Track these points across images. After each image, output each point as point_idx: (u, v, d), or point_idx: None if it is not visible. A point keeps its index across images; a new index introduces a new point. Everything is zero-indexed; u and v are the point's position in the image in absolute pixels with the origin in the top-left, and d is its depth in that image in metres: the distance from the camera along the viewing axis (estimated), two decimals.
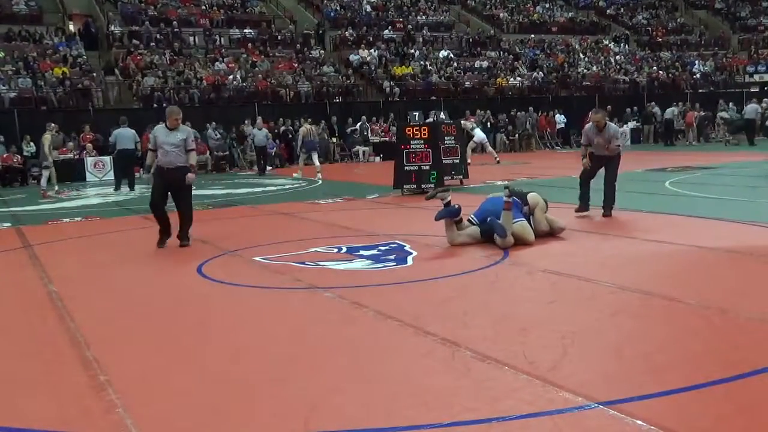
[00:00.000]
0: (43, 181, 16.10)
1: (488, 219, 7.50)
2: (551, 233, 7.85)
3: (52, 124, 16.64)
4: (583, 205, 9.24)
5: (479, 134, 21.16)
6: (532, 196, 7.88)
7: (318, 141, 19.59)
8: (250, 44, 28.94)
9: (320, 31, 31.50)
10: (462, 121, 23.68)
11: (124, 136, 16.74)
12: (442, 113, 15.32)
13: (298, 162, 19.19)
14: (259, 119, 21.36)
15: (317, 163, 18.52)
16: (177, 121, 8.32)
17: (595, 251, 7.09)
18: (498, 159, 21.04)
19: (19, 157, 20.28)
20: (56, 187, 16.36)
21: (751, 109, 25.06)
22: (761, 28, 38.83)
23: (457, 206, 7.63)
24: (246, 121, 23.29)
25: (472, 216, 7.75)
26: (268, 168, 20.99)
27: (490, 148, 21.53)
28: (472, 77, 30.21)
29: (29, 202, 14.95)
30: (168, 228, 8.28)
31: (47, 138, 15.80)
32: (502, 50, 33.65)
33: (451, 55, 31.83)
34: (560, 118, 28.10)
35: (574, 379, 3.62)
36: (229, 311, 5.41)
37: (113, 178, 18.27)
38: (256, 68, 27.22)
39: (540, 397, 3.42)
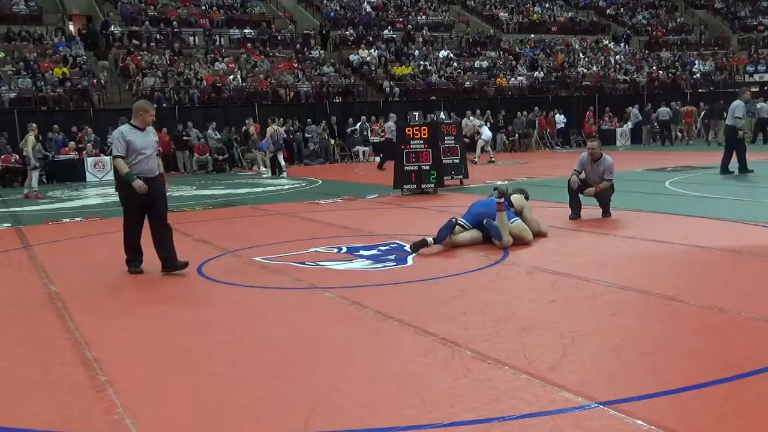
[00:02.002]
0: (34, 182, 16.06)
1: (484, 221, 7.46)
2: (537, 234, 7.87)
3: (33, 125, 16.56)
4: (575, 213, 9.17)
5: (487, 132, 21.32)
6: (516, 198, 7.83)
7: (283, 141, 20.23)
8: (250, 44, 28.96)
9: (323, 32, 31.51)
10: (470, 118, 23.78)
11: None
12: (442, 113, 15.31)
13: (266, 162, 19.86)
14: (270, 120, 21.33)
15: (282, 162, 19.66)
16: (153, 118, 6.94)
17: (594, 251, 7.09)
18: (492, 158, 21.17)
19: (18, 157, 20.25)
20: (36, 189, 16.20)
21: (765, 108, 25.28)
22: (761, 28, 38.86)
23: (453, 219, 7.56)
24: (247, 121, 23.29)
25: (462, 220, 7.66)
26: (263, 169, 20.91)
27: (488, 147, 21.62)
28: (472, 77, 30.23)
29: (29, 202, 14.95)
30: (140, 251, 6.98)
31: (31, 139, 15.74)
32: (502, 50, 33.67)
33: (451, 55, 31.84)
34: (560, 118, 28.10)
35: (574, 379, 3.62)
36: (229, 311, 5.41)
37: (113, 178, 18.25)
38: (256, 68, 27.23)
39: (540, 397, 3.42)
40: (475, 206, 7.76)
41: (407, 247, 7.49)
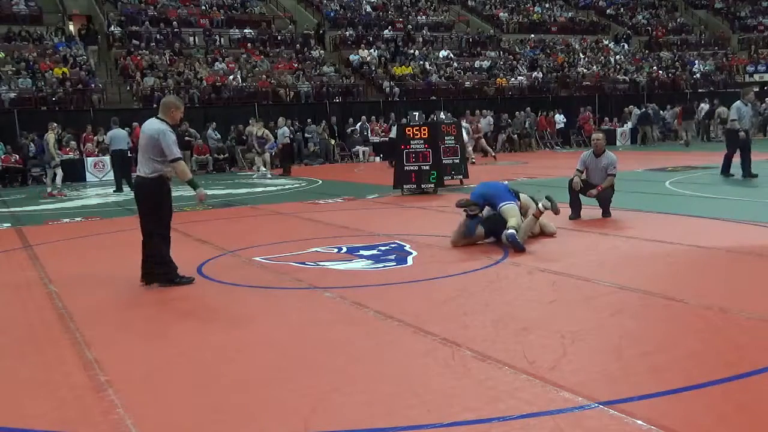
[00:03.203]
0: (57, 180, 16.17)
1: (503, 238, 7.34)
2: (543, 234, 7.86)
3: (54, 124, 16.74)
4: (575, 213, 9.18)
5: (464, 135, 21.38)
6: (524, 198, 7.87)
7: (266, 141, 20.04)
8: (250, 44, 28.95)
9: (321, 31, 31.51)
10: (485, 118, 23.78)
11: (118, 136, 17.03)
12: (442, 113, 15.31)
13: (260, 163, 19.52)
14: (281, 118, 21.25)
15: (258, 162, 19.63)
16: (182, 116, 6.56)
17: (594, 251, 7.09)
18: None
19: (18, 157, 20.29)
20: (59, 187, 16.39)
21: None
22: (761, 28, 38.87)
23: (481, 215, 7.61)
24: (250, 121, 23.30)
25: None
26: (263, 169, 20.84)
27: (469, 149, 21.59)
28: (472, 77, 30.22)
29: (29, 202, 14.95)
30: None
31: (52, 138, 15.88)
32: (502, 50, 33.67)
33: (451, 55, 31.84)
34: (560, 118, 28.09)
35: (574, 379, 3.62)
36: (229, 311, 5.41)
37: (113, 178, 18.32)
38: (256, 68, 27.22)
39: (540, 397, 3.42)
40: (477, 188, 7.83)
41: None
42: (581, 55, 34.76)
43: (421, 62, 30.30)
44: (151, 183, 6.18)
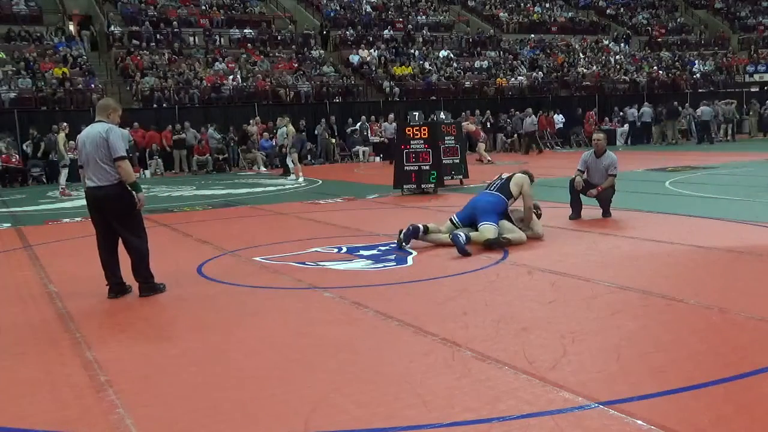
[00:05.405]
0: (62, 180, 16.24)
1: (450, 235, 7.39)
2: (531, 234, 7.75)
3: (64, 124, 16.78)
4: (575, 213, 9.17)
5: None
6: (515, 182, 7.72)
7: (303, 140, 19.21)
8: (250, 44, 28.95)
9: (324, 32, 31.51)
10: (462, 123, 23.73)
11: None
12: (442, 113, 15.31)
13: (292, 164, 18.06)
14: (280, 119, 20.99)
15: (288, 163, 18.28)
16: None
17: (594, 251, 7.09)
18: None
19: (18, 157, 20.29)
20: (63, 185, 16.38)
21: (707, 111, 25.52)
22: (761, 28, 38.88)
23: (410, 227, 7.51)
24: (251, 121, 23.32)
25: (455, 216, 7.69)
26: (263, 169, 20.86)
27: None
28: (472, 77, 30.21)
29: (29, 202, 14.95)
30: None
31: (62, 138, 15.93)
32: (502, 50, 33.66)
33: (451, 55, 31.84)
34: (559, 118, 28.04)
35: (574, 379, 3.62)
36: (229, 311, 5.41)
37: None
38: (256, 68, 27.22)
39: (540, 397, 3.42)
40: (470, 203, 7.80)
41: (402, 234, 7.53)
42: (581, 55, 34.76)
43: (421, 62, 30.30)
44: (117, 189, 5.83)
